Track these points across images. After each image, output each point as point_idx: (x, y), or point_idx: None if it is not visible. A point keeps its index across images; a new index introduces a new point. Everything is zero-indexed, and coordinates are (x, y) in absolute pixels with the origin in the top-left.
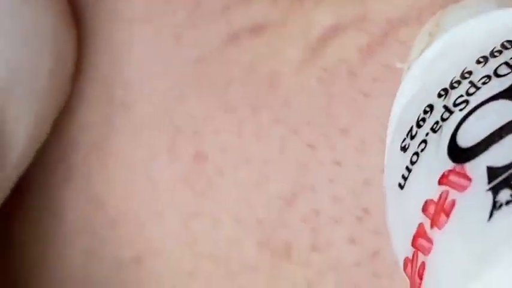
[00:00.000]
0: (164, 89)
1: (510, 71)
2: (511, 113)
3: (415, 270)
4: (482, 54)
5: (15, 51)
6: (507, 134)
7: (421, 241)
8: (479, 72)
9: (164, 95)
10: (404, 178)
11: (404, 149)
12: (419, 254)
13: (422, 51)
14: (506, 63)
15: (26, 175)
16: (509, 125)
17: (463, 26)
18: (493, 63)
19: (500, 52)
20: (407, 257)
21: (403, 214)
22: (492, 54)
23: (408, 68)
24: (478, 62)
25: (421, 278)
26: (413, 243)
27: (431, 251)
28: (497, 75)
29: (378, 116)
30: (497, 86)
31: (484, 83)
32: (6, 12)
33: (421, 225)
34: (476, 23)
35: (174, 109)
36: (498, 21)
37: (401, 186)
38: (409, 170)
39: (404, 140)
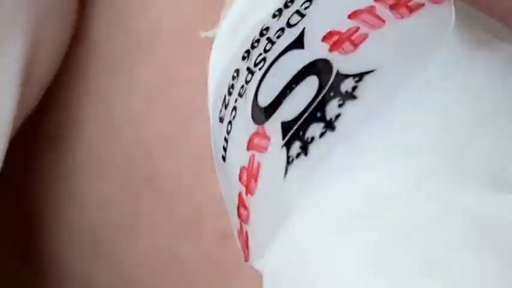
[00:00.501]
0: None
1: (300, 18)
2: (301, 62)
3: (244, 240)
4: (278, 7)
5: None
6: (297, 84)
7: (242, 210)
8: (275, 26)
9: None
10: (225, 149)
11: (221, 120)
12: (243, 224)
13: (224, 17)
14: (298, 12)
15: None
16: (299, 74)
17: None
18: (286, 15)
19: (292, 1)
20: (237, 229)
21: (229, 186)
22: (286, 5)
23: (215, 36)
24: (274, 16)
25: (247, 248)
26: (238, 214)
27: (249, 218)
28: (289, 26)
29: None
30: (289, 37)
31: (278, 37)
32: None
33: (240, 195)
34: None
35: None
36: None
37: (224, 158)
38: (226, 140)
39: (220, 110)
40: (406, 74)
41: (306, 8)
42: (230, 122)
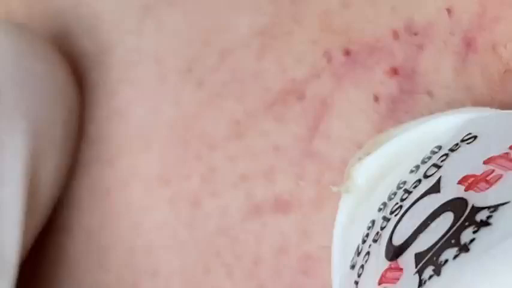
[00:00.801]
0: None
1: (437, 169)
2: (437, 203)
3: None
4: (415, 164)
5: (34, 102)
6: (432, 220)
7: None
8: (412, 179)
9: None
10: None
11: (352, 267)
12: None
13: (351, 174)
14: (434, 165)
15: None
16: (435, 212)
17: (395, 144)
18: (423, 169)
19: (429, 158)
20: None
21: None
22: (423, 161)
23: (344, 191)
24: (411, 171)
25: None
26: None
27: None
28: (426, 177)
29: None
30: (426, 185)
31: (415, 187)
32: (20, 67)
33: None
34: (405, 138)
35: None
36: (427, 132)
37: None
38: (356, 283)
39: (352, 258)
40: None
41: (442, 161)
42: (362, 266)
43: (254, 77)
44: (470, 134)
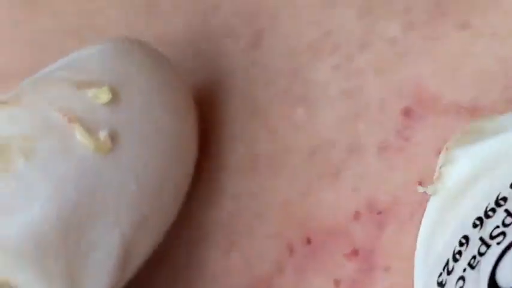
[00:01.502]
0: None
1: None
2: None
3: None
4: None
5: (161, 160)
6: None
7: None
8: None
9: None
10: None
11: (441, 285)
12: None
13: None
14: None
15: None
16: None
17: (492, 144)
18: None
19: None
20: None
21: None
22: None
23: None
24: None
25: None
26: None
27: None
28: None
29: None
30: None
31: None
32: (151, 121)
33: None
34: (502, 141)
35: None
36: None
37: None
38: None
39: (440, 274)
40: None
41: None
42: None
43: (222, 274)
44: None
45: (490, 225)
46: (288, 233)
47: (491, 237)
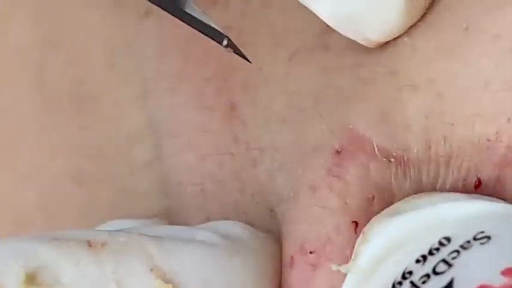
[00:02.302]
0: None
1: (447, 267)
2: None
3: None
4: (421, 253)
5: None
6: None
7: None
8: (419, 271)
9: None
10: None
11: None
12: None
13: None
14: (444, 261)
15: None
16: None
17: (400, 225)
18: (431, 262)
19: (437, 250)
20: None
21: None
22: (430, 253)
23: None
24: (417, 261)
25: None
26: None
27: None
28: (436, 273)
29: None
30: (436, 284)
31: (423, 282)
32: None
33: None
34: (411, 219)
35: None
36: (434, 216)
37: None
38: None
39: None
40: None
41: (453, 258)
42: None
43: None
44: (483, 232)
45: None
46: None
47: None
